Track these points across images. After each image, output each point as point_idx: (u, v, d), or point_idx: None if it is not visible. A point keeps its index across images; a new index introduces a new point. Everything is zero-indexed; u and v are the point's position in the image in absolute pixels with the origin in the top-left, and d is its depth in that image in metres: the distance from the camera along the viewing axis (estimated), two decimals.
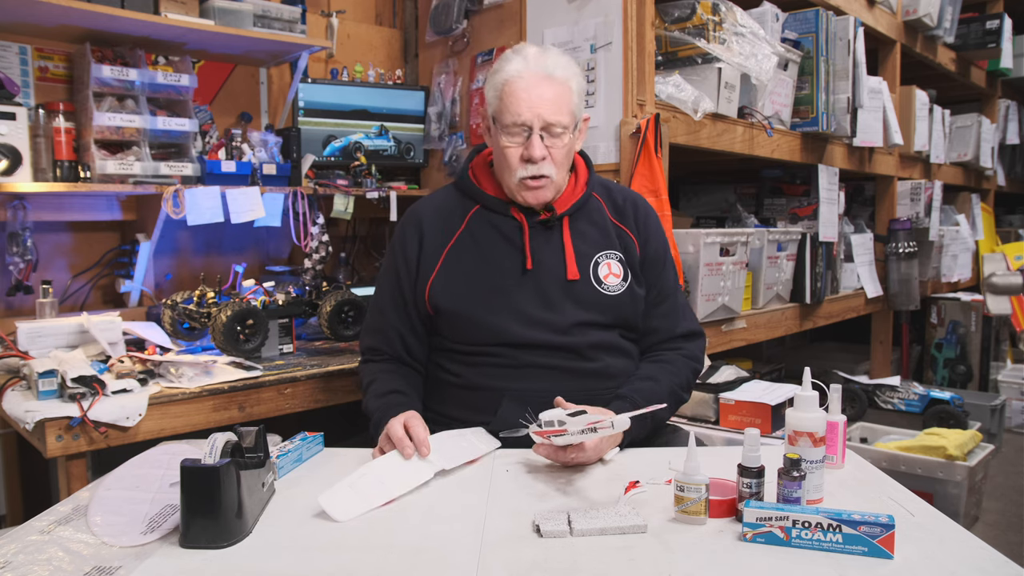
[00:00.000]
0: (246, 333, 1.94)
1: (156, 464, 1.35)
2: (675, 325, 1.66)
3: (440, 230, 1.62)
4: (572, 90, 1.54)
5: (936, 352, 4.31)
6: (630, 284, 1.61)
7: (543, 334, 1.54)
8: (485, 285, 1.56)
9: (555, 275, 1.57)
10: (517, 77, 1.51)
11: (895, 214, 3.75)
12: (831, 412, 1.34)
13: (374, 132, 2.84)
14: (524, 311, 1.55)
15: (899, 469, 2.56)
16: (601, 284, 1.58)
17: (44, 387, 1.61)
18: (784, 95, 2.82)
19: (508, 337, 1.54)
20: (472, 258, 1.59)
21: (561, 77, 1.52)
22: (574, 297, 1.57)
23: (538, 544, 1.08)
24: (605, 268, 1.60)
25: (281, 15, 2.48)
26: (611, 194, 1.70)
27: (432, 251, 1.60)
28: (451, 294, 1.57)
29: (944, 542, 1.08)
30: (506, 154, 1.54)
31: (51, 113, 2.15)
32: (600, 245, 1.62)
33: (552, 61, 1.53)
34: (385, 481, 1.26)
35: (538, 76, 1.51)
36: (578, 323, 1.55)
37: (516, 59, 1.54)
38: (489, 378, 1.55)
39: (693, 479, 1.13)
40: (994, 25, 4.29)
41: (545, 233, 1.60)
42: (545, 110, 1.50)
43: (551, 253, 1.59)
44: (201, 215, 2.26)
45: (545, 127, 1.51)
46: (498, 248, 1.59)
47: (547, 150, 1.52)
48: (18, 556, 1.04)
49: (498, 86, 1.54)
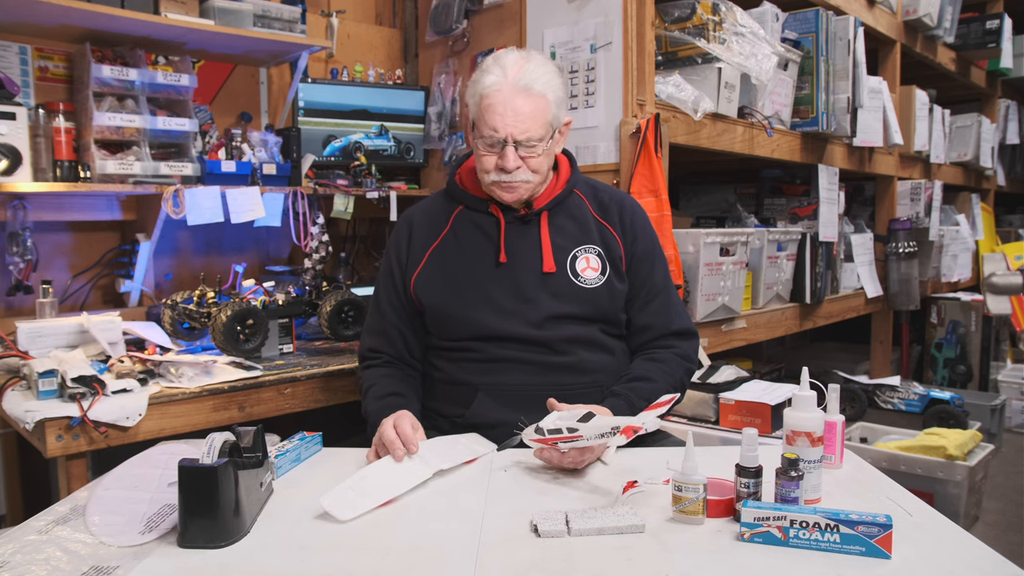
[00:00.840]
0: (246, 333, 1.94)
1: (155, 464, 1.35)
2: (669, 322, 1.66)
3: (427, 231, 1.67)
4: (550, 102, 1.55)
5: (936, 352, 4.31)
6: (609, 278, 1.61)
7: (517, 327, 1.56)
8: (463, 280, 1.60)
9: (531, 268, 1.59)
10: (495, 91, 1.52)
11: (895, 214, 3.75)
12: (829, 412, 1.34)
13: (374, 132, 2.85)
14: (499, 303, 1.57)
15: (899, 469, 2.56)
16: (578, 277, 1.60)
17: (44, 387, 1.61)
18: (784, 95, 2.82)
19: (484, 330, 1.56)
20: (454, 255, 1.63)
21: (539, 91, 1.53)
22: (550, 290, 1.58)
23: (536, 544, 1.08)
24: (583, 262, 1.61)
25: (281, 15, 2.48)
26: (597, 193, 1.71)
27: (418, 250, 1.66)
28: (432, 289, 1.62)
29: (942, 542, 1.08)
30: (482, 160, 1.57)
31: (51, 113, 2.15)
32: (578, 239, 1.63)
33: (531, 74, 1.52)
34: (385, 481, 1.27)
35: (515, 90, 1.51)
36: (553, 316, 1.57)
37: (495, 70, 1.54)
38: (466, 373, 1.59)
39: (691, 479, 1.13)
40: (994, 25, 4.28)
41: (523, 228, 1.63)
42: (519, 128, 1.51)
43: (528, 247, 1.61)
44: (201, 215, 2.26)
45: (519, 142, 1.53)
46: (477, 244, 1.62)
47: (521, 160, 1.54)
48: (16, 556, 1.04)
49: (476, 96, 1.56)
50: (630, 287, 1.65)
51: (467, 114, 1.64)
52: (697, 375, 2.27)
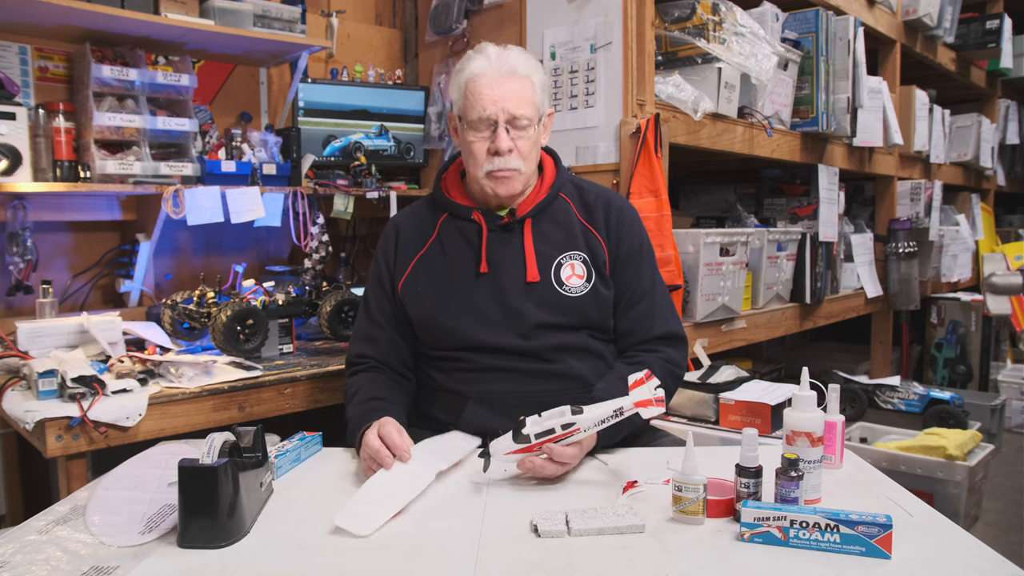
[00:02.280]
0: (246, 333, 1.94)
1: (154, 464, 1.35)
2: (651, 327, 1.62)
3: (415, 238, 1.66)
4: (535, 84, 1.57)
5: (936, 352, 4.31)
6: (594, 285, 1.59)
7: (503, 337, 1.54)
8: (445, 288, 1.59)
9: (514, 277, 1.57)
10: (481, 75, 1.54)
11: (895, 214, 3.75)
12: (829, 412, 1.34)
13: (374, 132, 2.85)
14: (484, 313, 1.56)
15: (899, 469, 2.56)
16: (563, 286, 1.57)
17: (44, 387, 1.61)
18: (784, 95, 2.82)
19: (470, 341, 1.55)
20: (438, 264, 1.62)
21: (523, 72, 1.55)
22: (535, 299, 1.56)
23: (536, 544, 1.08)
24: (568, 269, 1.59)
25: (281, 15, 2.48)
26: (583, 194, 1.69)
27: (405, 257, 1.65)
28: (417, 298, 1.61)
29: (942, 542, 1.08)
30: (472, 149, 1.56)
31: (51, 113, 2.15)
32: (563, 246, 1.61)
33: (514, 58, 1.56)
34: (392, 490, 1.25)
35: (500, 72, 1.54)
36: (539, 325, 1.55)
37: (479, 58, 1.57)
38: (456, 382, 1.58)
39: (691, 479, 1.13)
40: (994, 25, 4.28)
41: (505, 236, 1.61)
42: (509, 103, 1.52)
43: (511, 255, 1.59)
44: (201, 215, 2.26)
45: (510, 120, 1.53)
46: (461, 252, 1.61)
47: (513, 143, 1.54)
48: (16, 556, 1.04)
49: (462, 84, 1.57)
50: (616, 290, 1.62)
51: (452, 115, 1.63)
52: (697, 375, 2.27)
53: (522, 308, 1.55)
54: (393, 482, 1.27)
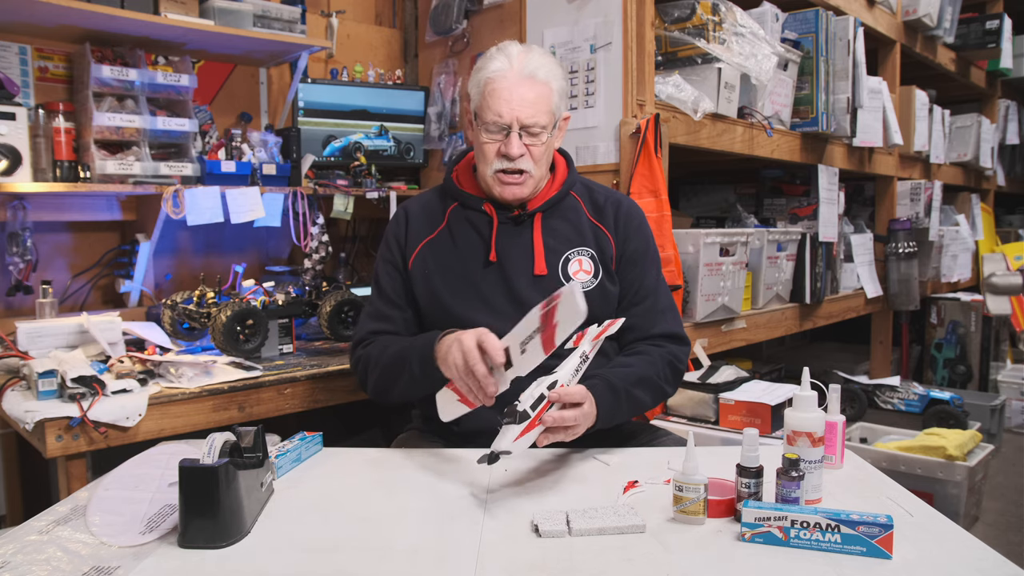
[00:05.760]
0: (246, 333, 1.94)
1: (155, 464, 1.35)
2: (652, 325, 1.62)
3: (423, 225, 1.66)
4: (553, 90, 1.56)
5: (936, 352, 4.31)
6: (601, 281, 1.60)
7: (508, 327, 1.52)
8: (453, 273, 1.60)
9: (522, 270, 1.58)
10: (500, 77, 1.53)
11: (895, 214, 3.75)
12: (830, 412, 1.34)
13: (374, 132, 2.85)
14: (489, 301, 1.57)
15: (899, 469, 2.56)
16: (570, 280, 1.58)
17: (44, 387, 1.61)
18: (784, 95, 2.82)
19: (475, 327, 1.52)
20: (447, 249, 1.63)
21: (543, 78, 1.54)
22: (542, 292, 1.55)
23: (536, 544, 1.08)
24: (576, 265, 1.60)
25: (281, 15, 2.48)
26: (592, 194, 1.70)
27: (414, 238, 1.65)
28: (425, 279, 1.61)
29: (942, 542, 1.08)
30: (484, 148, 1.56)
31: (51, 113, 2.15)
32: (572, 242, 1.62)
33: (535, 62, 1.54)
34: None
35: (520, 76, 1.53)
36: None
37: (499, 57, 1.56)
38: None
39: (692, 479, 1.13)
40: (994, 25, 4.28)
41: (516, 228, 1.62)
42: (525, 112, 1.52)
43: (520, 248, 1.60)
44: (201, 215, 2.26)
45: (524, 127, 1.53)
46: (469, 241, 1.62)
47: (525, 148, 1.54)
48: (16, 556, 1.04)
49: (480, 84, 1.57)
50: (620, 287, 1.63)
51: (467, 108, 1.63)
52: (697, 375, 2.26)
53: (529, 300, 1.55)
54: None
